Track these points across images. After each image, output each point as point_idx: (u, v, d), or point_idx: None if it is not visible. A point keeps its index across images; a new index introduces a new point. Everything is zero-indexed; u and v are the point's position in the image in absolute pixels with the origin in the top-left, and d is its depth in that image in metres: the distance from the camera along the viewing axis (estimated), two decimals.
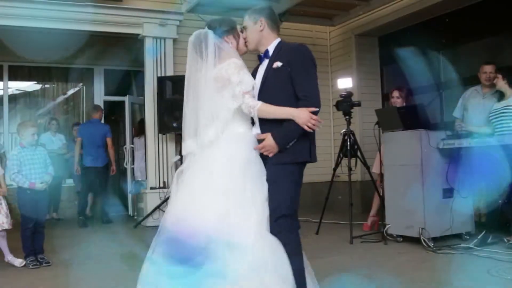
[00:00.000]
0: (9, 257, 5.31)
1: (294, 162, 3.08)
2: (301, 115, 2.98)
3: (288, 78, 3.07)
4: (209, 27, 3.25)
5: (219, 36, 3.23)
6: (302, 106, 3.01)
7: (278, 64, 3.10)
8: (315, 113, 3.01)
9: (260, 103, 3.06)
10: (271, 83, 3.13)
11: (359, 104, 6.71)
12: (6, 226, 5.26)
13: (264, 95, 3.12)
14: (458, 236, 5.78)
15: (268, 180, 3.07)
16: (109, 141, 8.84)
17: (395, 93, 6.72)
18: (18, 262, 5.27)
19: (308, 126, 2.97)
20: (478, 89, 6.23)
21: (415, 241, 5.62)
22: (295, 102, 3.05)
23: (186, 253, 2.87)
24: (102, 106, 9.96)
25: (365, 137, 8.43)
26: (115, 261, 5.44)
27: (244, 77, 3.08)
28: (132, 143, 9.59)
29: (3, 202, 5.30)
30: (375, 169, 6.86)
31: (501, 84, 5.61)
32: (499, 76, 5.61)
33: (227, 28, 3.26)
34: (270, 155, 3.06)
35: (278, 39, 3.28)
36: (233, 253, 2.83)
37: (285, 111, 3.03)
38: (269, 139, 3.03)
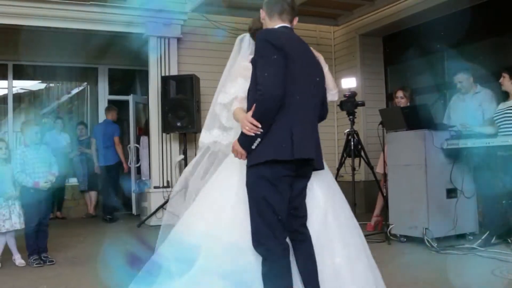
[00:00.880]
0: (16, 256, 5.32)
1: (257, 163, 2.72)
2: (241, 119, 2.77)
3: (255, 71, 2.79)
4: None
5: (251, 35, 3.34)
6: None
7: (250, 57, 3.06)
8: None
9: (235, 108, 3.03)
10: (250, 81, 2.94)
11: (363, 104, 6.70)
12: (18, 226, 5.27)
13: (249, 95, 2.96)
14: (462, 237, 5.77)
15: None
16: (115, 139, 9.04)
17: (399, 93, 6.71)
18: (19, 262, 5.27)
19: (247, 130, 2.69)
20: (459, 94, 6.30)
21: (418, 241, 5.61)
22: None
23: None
24: (106, 105, 10.11)
25: (369, 137, 8.42)
26: (118, 260, 5.45)
27: (231, 87, 3.13)
28: (137, 143, 9.60)
29: (16, 203, 5.30)
30: (379, 169, 6.85)
31: (507, 84, 5.56)
32: (506, 75, 5.56)
33: (257, 26, 3.31)
34: (242, 158, 2.80)
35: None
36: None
37: (238, 116, 2.92)
38: (235, 141, 2.82)
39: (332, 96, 3.28)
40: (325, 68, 3.13)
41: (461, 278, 4.19)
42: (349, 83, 6.93)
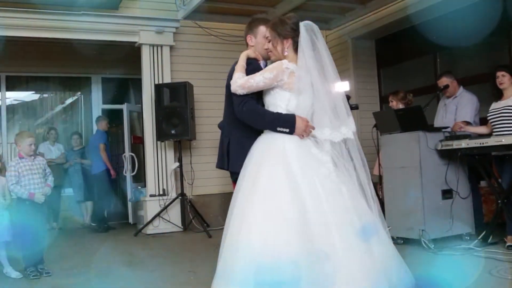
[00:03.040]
0: (8, 269, 5.29)
1: None
2: None
3: None
4: None
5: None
6: None
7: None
8: None
9: None
10: None
11: (356, 107, 6.71)
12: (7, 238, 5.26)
13: None
14: (459, 237, 5.76)
15: None
16: (100, 146, 9.03)
17: (390, 98, 6.80)
18: (15, 274, 5.23)
19: None
20: (444, 97, 6.42)
21: (415, 242, 5.61)
22: None
23: None
24: (100, 114, 10.14)
25: (363, 140, 8.31)
26: (116, 269, 5.44)
27: None
28: (132, 151, 9.58)
29: (6, 213, 5.28)
30: (375, 172, 6.86)
31: (508, 83, 5.48)
32: (506, 74, 5.48)
33: None
34: None
35: None
36: None
37: None
38: None
39: None
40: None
41: (458, 278, 4.19)
42: (343, 86, 6.94)
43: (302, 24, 3.31)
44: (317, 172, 3.09)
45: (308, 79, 3.23)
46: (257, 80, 3.20)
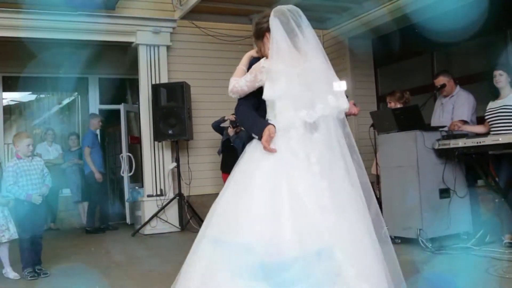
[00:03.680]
0: (8, 269, 5.28)
1: None
2: None
3: None
4: None
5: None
6: None
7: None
8: None
9: None
10: None
11: None
12: (16, 235, 5.25)
13: None
14: (456, 236, 5.77)
15: None
16: (85, 150, 8.89)
17: (387, 99, 6.81)
18: (13, 275, 5.22)
19: None
20: (441, 97, 6.43)
21: (413, 242, 5.62)
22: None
23: None
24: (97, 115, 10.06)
25: (360, 140, 8.39)
26: (113, 270, 5.43)
27: None
28: (129, 151, 9.57)
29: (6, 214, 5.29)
30: (373, 171, 6.87)
31: (505, 82, 5.50)
32: (503, 73, 5.50)
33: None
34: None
35: None
36: None
37: None
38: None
39: None
40: None
41: (456, 277, 4.20)
42: (340, 86, 6.94)
43: (271, 12, 3.05)
44: (291, 169, 2.85)
45: (285, 70, 2.98)
46: (241, 85, 3.09)
